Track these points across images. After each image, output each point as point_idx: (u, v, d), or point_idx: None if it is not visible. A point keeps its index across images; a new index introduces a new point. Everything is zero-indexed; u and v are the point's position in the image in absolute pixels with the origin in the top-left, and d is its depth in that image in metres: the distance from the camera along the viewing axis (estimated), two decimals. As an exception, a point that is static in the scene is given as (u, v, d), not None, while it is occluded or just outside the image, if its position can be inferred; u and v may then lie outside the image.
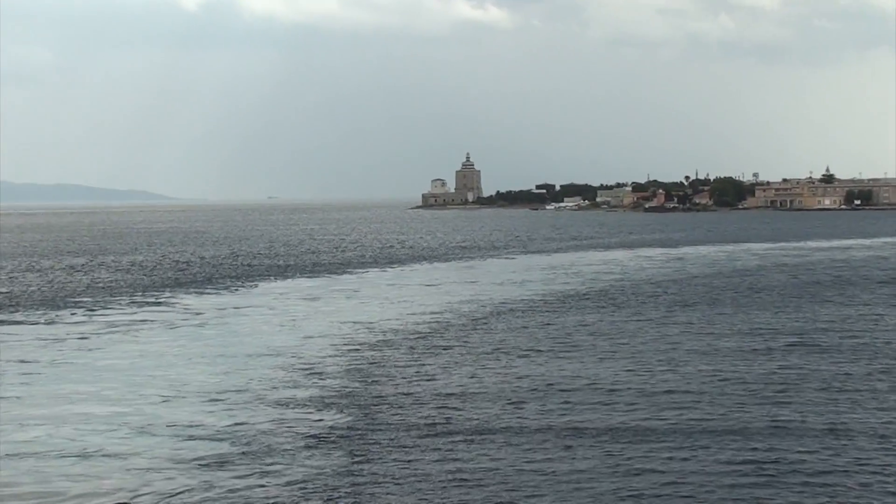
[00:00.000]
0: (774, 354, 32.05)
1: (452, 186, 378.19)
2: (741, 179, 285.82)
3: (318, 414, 24.38)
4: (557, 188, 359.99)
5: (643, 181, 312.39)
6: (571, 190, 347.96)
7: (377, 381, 28.61)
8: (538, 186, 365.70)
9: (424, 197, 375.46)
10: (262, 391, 27.05)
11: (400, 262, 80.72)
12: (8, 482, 19.38)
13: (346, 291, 55.31)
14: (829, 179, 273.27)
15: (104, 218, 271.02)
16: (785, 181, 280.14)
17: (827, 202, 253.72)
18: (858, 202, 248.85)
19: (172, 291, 55.26)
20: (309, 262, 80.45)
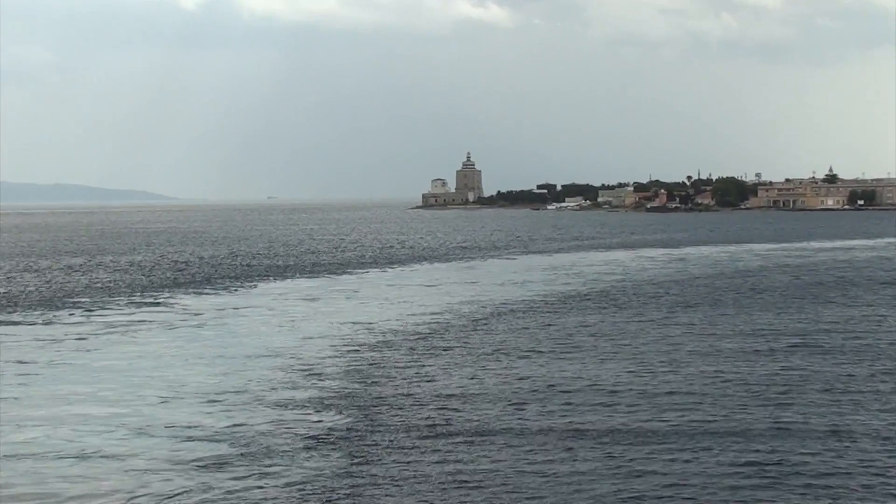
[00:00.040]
0: (777, 356, 31.91)
1: (453, 186, 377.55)
2: (743, 179, 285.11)
3: (317, 415, 24.27)
4: (559, 188, 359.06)
5: (645, 181, 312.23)
6: (573, 190, 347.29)
7: (377, 382, 28.50)
8: (539, 186, 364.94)
9: (425, 197, 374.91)
10: (260, 392, 26.94)
11: (400, 262, 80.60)
12: (5, 483, 19.28)
13: (345, 292, 55.19)
14: (832, 179, 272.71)
15: (103, 218, 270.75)
16: (788, 181, 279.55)
17: (830, 202, 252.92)
18: (862, 202, 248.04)
19: (171, 292, 55.13)
20: (308, 262, 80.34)
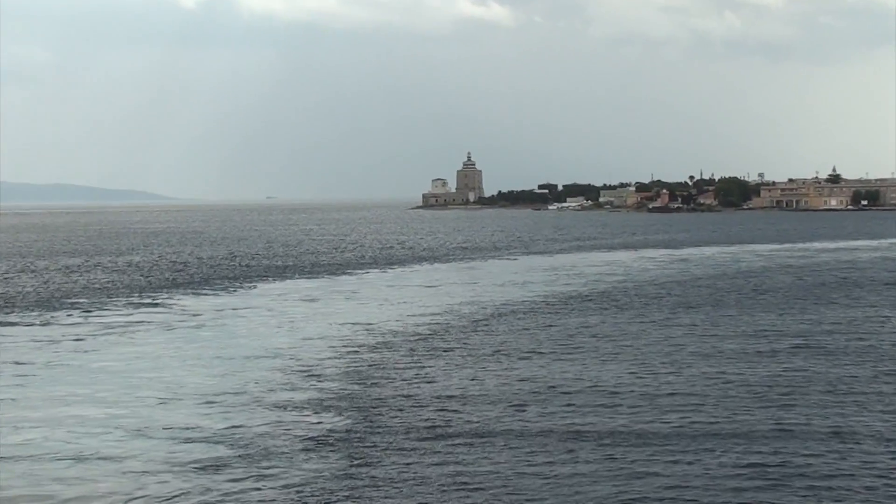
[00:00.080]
0: (779, 357, 31.77)
1: (453, 186, 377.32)
2: (746, 179, 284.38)
3: (316, 416, 24.14)
4: (560, 188, 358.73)
5: (647, 181, 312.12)
6: (574, 190, 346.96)
7: (376, 383, 28.37)
8: (540, 186, 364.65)
9: (425, 197, 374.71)
10: (259, 393, 26.80)
11: (400, 262, 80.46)
12: (1, 485, 19.15)
13: (345, 293, 55.04)
14: (835, 179, 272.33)
15: (101, 218, 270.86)
16: (791, 181, 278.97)
17: (833, 202, 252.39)
18: (865, 202, 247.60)
19: (169, 292, 54.97)
20: (308, 262, 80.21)
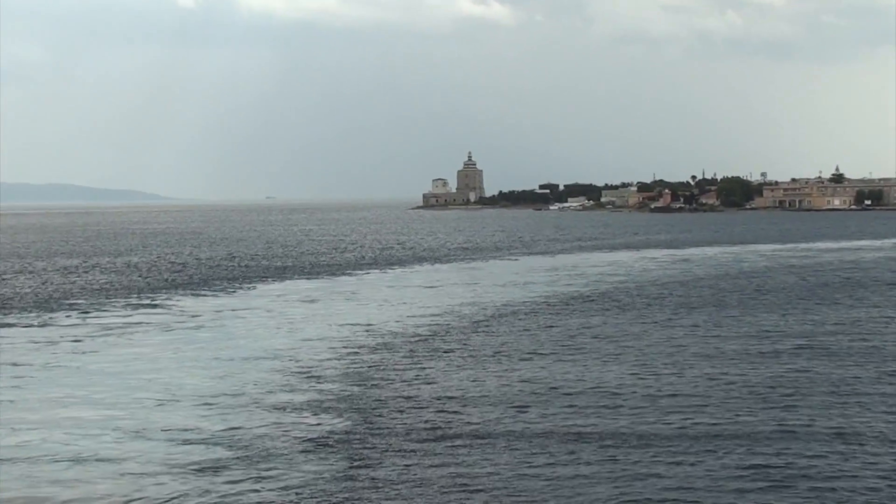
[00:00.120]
0: (782, 358, 31.65)
1: (454, 186, 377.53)
2: (749, 179, 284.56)
3: (315, 418, 24.02)
4: (561, 188, 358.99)
5: (649, 181, 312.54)
6: (575, 190, 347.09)
7: (376, 384, 28.24)
8: (542, 186, 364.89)
9: (425, 197, 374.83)
10: (258, 395, 26.68)
11: (400, 263, 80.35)
12: (-2, 488, 19.02)
13: (345, 293, 54.91)
14: (838, 179, 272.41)
15: (99, 218, 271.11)
16: (793, 181, 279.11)
17: (836, 202, 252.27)
18: (869, 202, 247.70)
19: (168, 293, 54.84)
20: (307, 263, 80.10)
